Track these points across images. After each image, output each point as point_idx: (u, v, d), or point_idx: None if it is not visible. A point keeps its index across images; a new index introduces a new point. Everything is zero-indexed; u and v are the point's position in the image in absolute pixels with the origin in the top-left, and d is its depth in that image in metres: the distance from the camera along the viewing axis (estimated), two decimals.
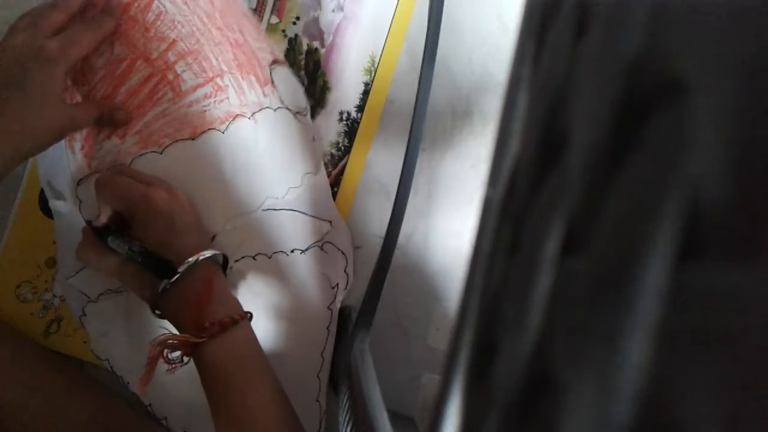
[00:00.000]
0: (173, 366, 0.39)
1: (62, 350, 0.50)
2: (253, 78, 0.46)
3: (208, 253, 0.40)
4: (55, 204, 0.48)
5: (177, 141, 0.47)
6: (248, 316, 0.40)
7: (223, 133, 0.47)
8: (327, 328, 0.47)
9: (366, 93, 0.48)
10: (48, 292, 0.50)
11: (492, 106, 0.47)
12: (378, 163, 0.48)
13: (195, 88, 0.46)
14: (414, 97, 0.43)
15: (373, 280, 0.42)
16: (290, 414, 0.39)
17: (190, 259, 0.39)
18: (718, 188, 0.09)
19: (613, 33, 0.11)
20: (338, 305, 0.48)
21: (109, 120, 0.45)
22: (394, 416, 0.31)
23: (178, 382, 0.48)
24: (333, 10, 0.48)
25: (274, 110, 0.46)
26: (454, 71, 0.47)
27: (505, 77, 0.15)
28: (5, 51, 0.41)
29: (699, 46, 0.10)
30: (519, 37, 0.15)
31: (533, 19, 0.15)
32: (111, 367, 0.48)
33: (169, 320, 0.41)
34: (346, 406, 0.35)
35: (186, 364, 0.39)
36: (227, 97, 0.46)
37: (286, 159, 0.47)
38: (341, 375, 0.41)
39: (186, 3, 0.46)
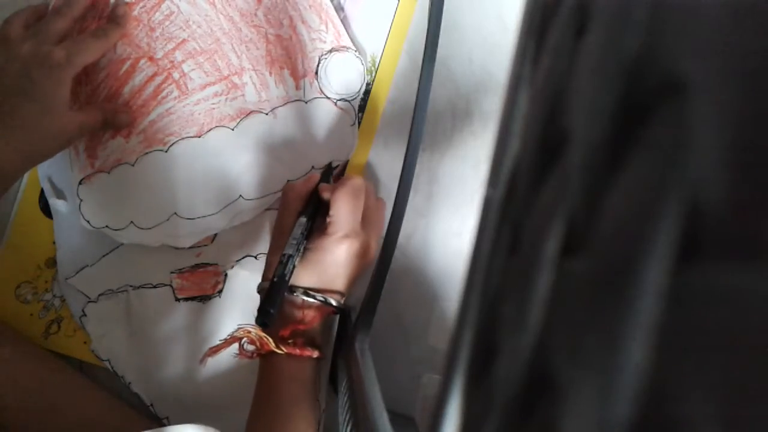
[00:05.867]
0: (243, 355, 0.41)
1: (62, 351, 0.50)
2: (286, 72, 0.46)
3: (329, 302, 0.41)
4: (55, 203, 0.48)
5: (183, 138, 0.47)
6: (323, 357, 0.42)
7: (232, 130, 0.47)
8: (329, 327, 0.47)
9: (366, 93, 0.48)
10: (48, 292, 0.50)
11: (492, 106, 0.47)
12: (378, 163, 0.48)
13: (204, 87, 0.47)
14: (414, 97, 0.43)
15: (373, 280, 0.42)
16: None
17: (319, 298, 0.41)
18: (718, 188, 0.09)
19: (613, 33, 0.11)
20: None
21: (112, 122, 0.46)
22: (394, 416, 0.31)
23: (181, 382, 0.48)
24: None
25: (306, 102, 0.47)
26: (454, 71, 0.47)
27: (505, 77, 0.15)
28: (12, 60, 0.41)
29: (699, 46, 0.10)
30: (519, 37, 0.15)
31: (533, 19, 0.15)
32: (112, 367, 0.48)
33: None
34: (346, 405, 0.35)
35: (252, 359, 0.41)
36: (242, 95, 0.47)
37: (307, 152, 0.47)
38: (341, 375, 0.41)
39: (212, 3, 0.46)
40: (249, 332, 0.40)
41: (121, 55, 0.47)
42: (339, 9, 0.47)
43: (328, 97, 0.47)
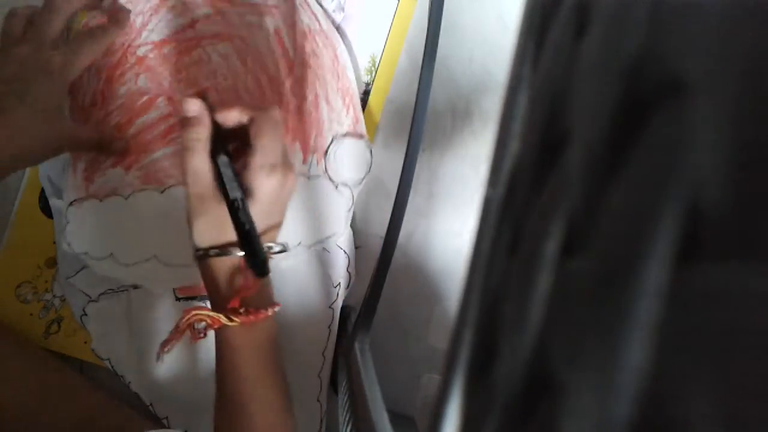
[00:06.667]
0: (195, 338, 0.39)
1: (63, 350, 0.50)
2: (298, 144, 0.46)
3: (276, 247, 0.39)
4: (55, 203, 0.48)
5: (180, 184, 0.46)
6: (277, 308, 0.40)
7: None
8: (329, 327, 0.48)
9: (366, 93, 0.48)
10: (48, 292, 0.50)
11: (492, 106, 0.47)
12: (378, 163, 0.48)
13: None
14: (414, 97, 0.43)
15: (373, 280, 0.42)
16: (289, 414, 0.40)
17: (275, 246, 0.38)
18: (718, 188, 0.09)
19: (613, 33, 0.11)
20: (340, 304, 0.48)
21: (108, 146, 0.45)
22: (394, 416, 0.31)
23: (180, 382, 0.48)
24: (334, 11, 0.47)
25: (308, 178, 0.46)
26: (454, 71, 0.47)
27: (505, 77, 0.15)
28: (9, 62, 0.40)
29: (699, 46, 0.10)
30: (519, 37, 0.15)
31: (533, 19, 0.15)
32: (112, 366, 0.48)
33: (203, 278, 0.39)
34: (346, 405, 0.35)
35: (205, 337, 0.39)
36: None
37: (298, 227, 0.47)
38: (341, 375, 0.41)
39: (243, 62, 0.46)
40: (197, 314, 0.38)
41: (141, 88, 0.46)
42: (339, 9, 0.47)
43: (330, 179, 0.47)
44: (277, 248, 0.39)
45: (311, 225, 0.47)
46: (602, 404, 0.10)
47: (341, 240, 0.48)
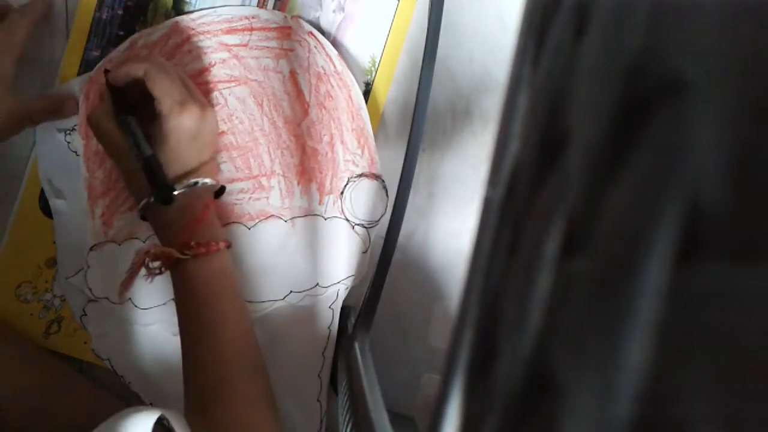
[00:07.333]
0: (151, 273, 0.41)
1: (63, 350, 0.50)
2: (314, 185, 0.47)
3: (209, 182, 0.41)
4: (55, 203, 0.48)
5: None
6: (229, 244, 0.41)
7: (249, 229, 0.47)
8: (329, 328, 0.48)
9: (366, 93, 0.48)
10: (48, 292, 0.50)
11: (492, 106, 0.47)
12: (378, 163, 0.48)
13: (231, 181, 0.47)
14: (414, 97, 0.43)
15: (373, 280, 0.42)
16: (254, 343, 0.41)
17: (195, 181, 0.40)
18: (718, 188, 0.09)
19: (613, 33, 0.11)
20: (340, 304, 0.48)
21: (60, 111, 0.45)
22: (394, 416, 0.31)
23: (180, 383, 0.48)
24: (334, 11, 0.47)
25: (325, 219, 0.47)
26: (454, 71, 0.47)
27: (505, 77, 0.15)
28: None
29: (699, 46, 0.10)
30: (519, 37, 0.15)
31: (533, 19, 0.15)
32: (112, 366, 0.48)
33: (153, 227, 0.41)
34: (346, 405, 0.35)
35: (161, 273, 0.41)
36: (266, 197, 0.47)
37: (315, 268, 0.47)
38: (341, 375, 0.41)
39: (260, 104, 0.46)
40: (148, 252, 0.40)
41: None
42: (339, 9, 0.47)
43: (347, 219, 0.47)
44: (209, 183, 0.41)
45: (328, 266, 0.47)
46: (602, 404, 0.10)
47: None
